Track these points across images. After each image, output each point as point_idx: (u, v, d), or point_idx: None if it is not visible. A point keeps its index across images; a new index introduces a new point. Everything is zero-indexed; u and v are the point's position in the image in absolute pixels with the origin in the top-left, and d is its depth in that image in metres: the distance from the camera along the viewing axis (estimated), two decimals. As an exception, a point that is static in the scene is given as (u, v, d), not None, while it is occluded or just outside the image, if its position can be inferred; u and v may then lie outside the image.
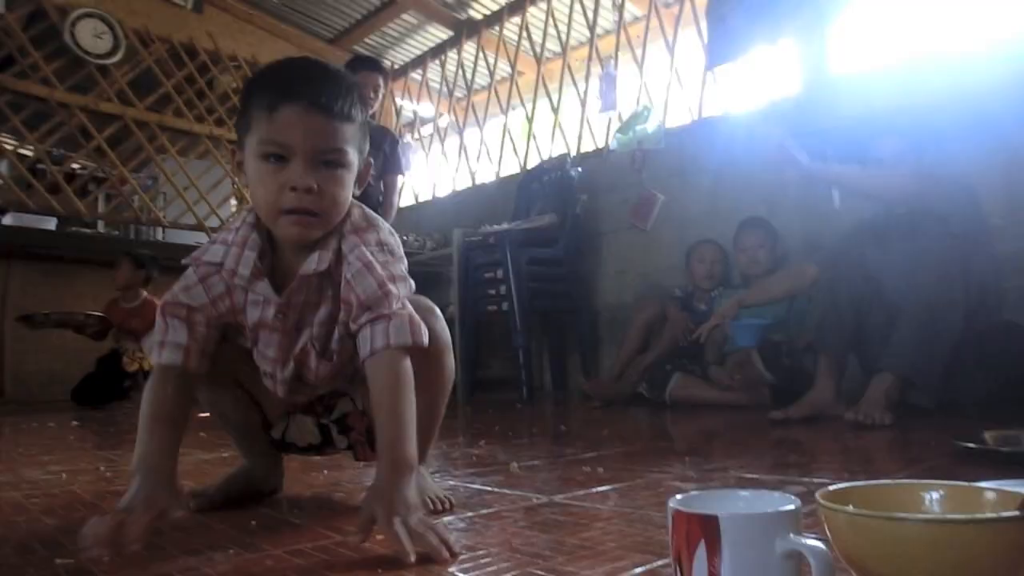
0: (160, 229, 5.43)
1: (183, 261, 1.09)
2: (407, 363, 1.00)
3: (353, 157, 1.02)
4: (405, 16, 5.63)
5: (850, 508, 0.62)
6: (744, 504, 0.68)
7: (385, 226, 1.10)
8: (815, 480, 1.33)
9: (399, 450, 0.95)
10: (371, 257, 1.03)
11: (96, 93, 4.93)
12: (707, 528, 0.61)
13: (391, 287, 1.02)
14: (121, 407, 3.94)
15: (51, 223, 4.81)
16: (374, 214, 1.12)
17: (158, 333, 1.05)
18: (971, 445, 1.49)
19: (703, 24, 3.98)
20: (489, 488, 1.35)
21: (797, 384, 2.61)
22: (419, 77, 6.06)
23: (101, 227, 5.56)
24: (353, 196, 1.08)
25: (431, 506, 1.13)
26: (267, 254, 1.07)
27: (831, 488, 0.67)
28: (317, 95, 0.97)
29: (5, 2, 4.43)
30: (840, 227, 2.73)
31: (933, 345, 2.19)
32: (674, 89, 4.19)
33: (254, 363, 1.13)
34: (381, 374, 0.99)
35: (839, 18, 3.40)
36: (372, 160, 1.11)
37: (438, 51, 5.84)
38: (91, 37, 4.89)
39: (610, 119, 4.43)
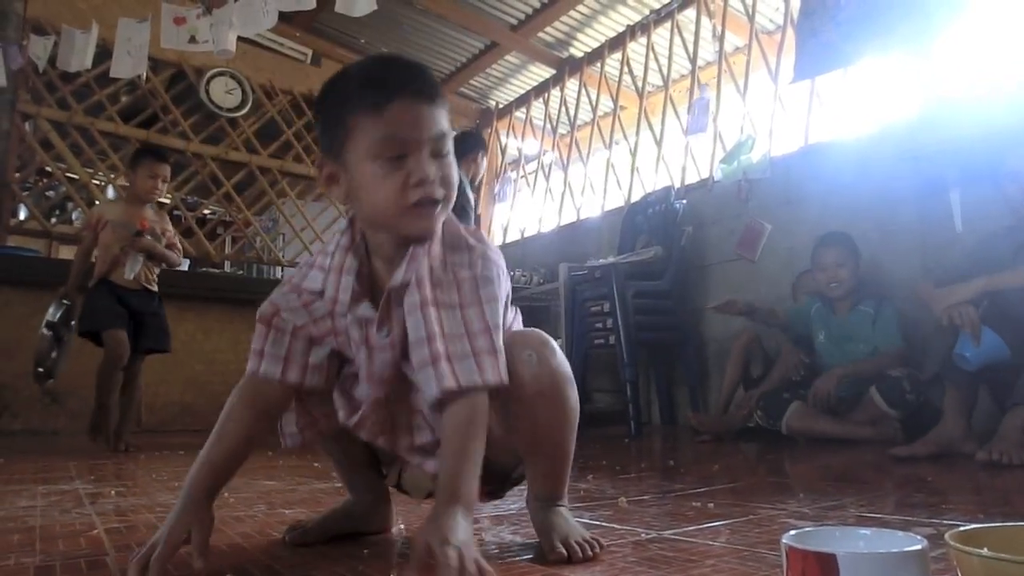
0: (280, 268, 5.88)
1: (281, 288, 1.09)
2: (480, 404, 0.95)
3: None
4: (508, 57, 5.79)
5: (985, 551, 0.59)
6: (865, 543, 0.65)
7: (479, 246, 1.04)
8: (944, 521, 1.24)
9: (455, 485, 0.90)
10: (456, 293, 1.00)
11: (226, 143, 5.44)
12: (824, 567, 0.59)
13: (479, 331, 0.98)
14: None
15: (185, 264, 5.20)
16: (472, 230, 1.08)
17: (257, 340, 1.05)
18: None
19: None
20: (597, 522, 1.34)
21: (924, 419, 2.45)
22: (523, 115, 6.19)
23: (227, 267, 6.02)
24: None
25: (578, 552, 1.01)
26: (364, 275, 1.05)
27: (963, 529, 0.64)
28: (420, 84, 0.97)
29: (151, 67, 4.88)
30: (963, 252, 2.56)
31: None
32: (779, 116, 4.10)
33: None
34: (453, 417, 0.95)
35: (952, 31, 3.18)
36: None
37: (541, 89, 5.96)
38: (223, 93, 5.44)
39: (714, 149, 4.37)
